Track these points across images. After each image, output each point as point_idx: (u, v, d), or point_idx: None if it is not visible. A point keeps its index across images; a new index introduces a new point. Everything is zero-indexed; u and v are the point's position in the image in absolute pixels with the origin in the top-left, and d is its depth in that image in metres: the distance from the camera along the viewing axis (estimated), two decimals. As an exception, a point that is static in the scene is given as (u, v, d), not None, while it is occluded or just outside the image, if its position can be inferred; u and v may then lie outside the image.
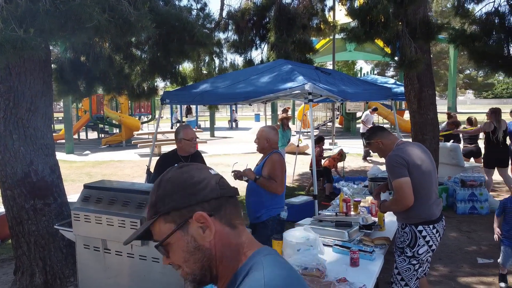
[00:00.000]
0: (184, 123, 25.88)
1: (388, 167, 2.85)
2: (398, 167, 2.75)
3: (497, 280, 4.10)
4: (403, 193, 2.72)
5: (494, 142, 7.06)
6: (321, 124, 22.02)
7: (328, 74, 5.59)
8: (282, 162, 3.59)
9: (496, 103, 57.15)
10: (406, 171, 2.74)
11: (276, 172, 3.52)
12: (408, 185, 2.72)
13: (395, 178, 2.76)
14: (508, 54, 6.28)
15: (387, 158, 2.87)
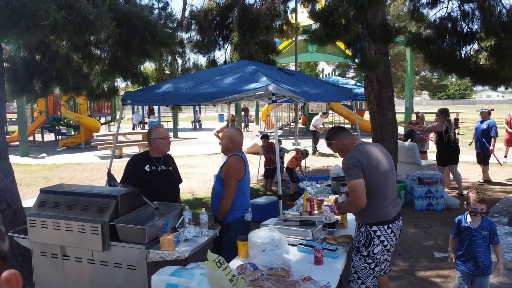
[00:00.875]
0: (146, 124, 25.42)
1: (343, 169, 2.91)
2: (353, 169, 2.81)
3: (452, 273, 4.29)
4: (356, 194, 2.79)
5: (446, 141, 7.40)
6: (284, 124, 22.23)
7: (291, 75, 5.65)
8: (238, 165, 3.52)
9: (450, 103, 59.97)
10: (360, 173, 2.79)
11: (229, 175, 3.49)
12: (362, 187, 2.78)
13: (349, 179, 2.83)
14: (460, 57, 6.60)
15: (343, 160, 2.92)
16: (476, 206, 3.12)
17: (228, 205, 3.49)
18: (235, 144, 3.64)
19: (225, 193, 3.50)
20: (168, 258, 2.81)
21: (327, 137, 3.18)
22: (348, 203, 2.99)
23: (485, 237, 3.14)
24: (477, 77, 6.71)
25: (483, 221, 3.17)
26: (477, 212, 3.12)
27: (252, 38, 6.78)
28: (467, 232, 3.19)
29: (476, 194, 3.15)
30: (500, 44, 6.08)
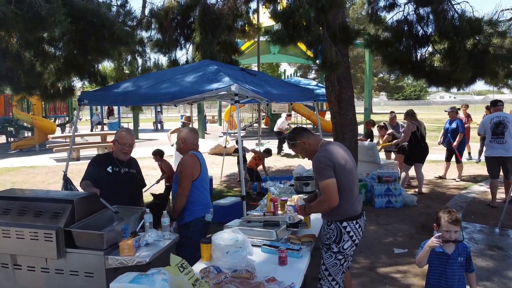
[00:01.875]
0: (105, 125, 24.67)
1: (315, 169, 2.91)
2: (325, 169, 2.83)
3: (411, 268, 4.44)
4: (329, 193, 2.81)
5: (417, 140, 7.65)
6: (247, 125, 22.27)
7: (253, 75, 5.63)
8: (192, 162, 3.52)
9: (406, 104, 62.38)
10: (332, 172, 2.83)
11: (181, 173, 3.49)
12: (334, 186, 2.81)
13: (322, 179, 2.83)
14: (416, 59, 6.85)
15: (314, 160, 2.93)
16: (449, 228, 2.66)
17: (181, 202, 3.48)
18: (187, 145, 3.65)
19: (178, 190, 3.50)
20: (128, 264, 2.72)
21: (291, 137, 3.14)
22: (319, 202, 2.96)
23: (462, 264, 2.69)
24: (431, 78, 6.98)
25: (458, 246, 2.71)
26: (450, 239, 2.66)
27: (214, 38, 6.73)
28: (442, 259, 2.70)
29: (448, 214, 2.69)
30: (452, 47, 6.36)
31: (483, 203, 6.98)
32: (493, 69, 6.72)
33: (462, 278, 2.71)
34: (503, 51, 6.57)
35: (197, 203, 3.54)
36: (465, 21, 6.10)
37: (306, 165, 6.78)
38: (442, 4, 6.43)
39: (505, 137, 6.67)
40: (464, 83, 7.05)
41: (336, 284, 2.97)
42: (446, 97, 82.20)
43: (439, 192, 7.94)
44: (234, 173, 10.40)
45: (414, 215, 6.45)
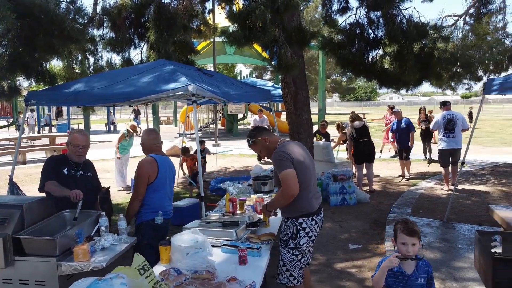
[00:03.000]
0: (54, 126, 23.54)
1: (275, 162, 2.97)
2: (284, 160, 2.91)
3: (366, 262, 4.60)
4: (290, 182, 2.86)
5: (357, 141, 7.93)
6: (204, 126, 22.09)
7: (210, 75, 5.61)
8: (148, 166, 3.46)
9: (358, 105, 64.58)
10: (291, 164, 2.91)
11: (137, 177, 3.46)
12: (294, 176, 2.88)
13: (282, 170, 2.89)
14: (368, 61, 7.12)
15: (274, 154, 3.00)
16: (405, 240, 2.37)
17: (134, 206, 3.45)
18: (146, 147, 3.66)
19: (133, 194, 3.48)
20: (83, 270, 2.62)
21: (252, 135, 3.21)
22: (280, 194, 2.97)
23: (422, 286, 2.40)
24: (382, 80, 7.29)
25: (418, 265, 2.42)
26: (408, 254, 2.38)
27: (169, 37, 6.62)
28: (400, 279, 2.40)
29: (404, 224, 2.42)
30: (401, 50, 6.68)
31: (430, 199, 7.37)
32: (438, 72, 7.13)
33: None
34: (447, 55, 6.99)
35: (147, 206, 3.49)
36: (413, 26, 6.43)
37: (263, 165, 6.86)
38: (391, 9, 6.74)
39: (455, 132, 7.78)
40: (412, 85, 7.42)
41: (294, 279, 3.04)
42: (395, 98, 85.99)
43: (389, 189, 8.28)
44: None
45: (367, 211, 6.70)
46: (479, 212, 6.34)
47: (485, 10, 10.28)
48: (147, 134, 3.71)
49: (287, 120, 7.41)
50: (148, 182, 3.45)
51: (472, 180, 8.84)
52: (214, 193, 7.96)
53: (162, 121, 28.05)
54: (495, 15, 10.14)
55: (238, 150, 14.45)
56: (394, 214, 6.40)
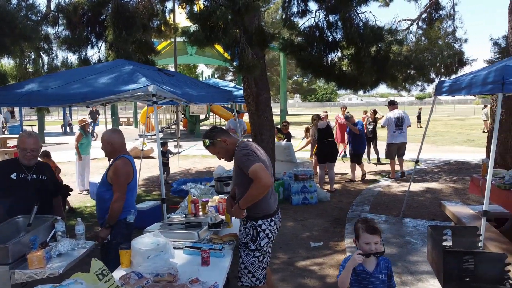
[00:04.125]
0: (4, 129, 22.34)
1: (241, 158, 2.89)
2: (251, 155, 2.86)
3: (326, 259, 4.71)
4: (262, 175, 2.79)
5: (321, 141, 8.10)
6: (165, 127, 21.75)
7: (171, 76, 5.54)
8: (127, 167, 3.44)
9: (318, 105, 65.80)
10: (257, 159, 2.88)
11: (118, 179, 3.37)
12: (263, 168, 2.83)
13: (251, 165, 2.81)
14: (327, 63, 7.29)
15: (239, 152, 2.93)
16: (367, 239, 2.42)
17: (119, 208, 3.37)
18: (116, 147, 3.53)
19: (116, 196, 3.37)
20: (38, 277, 2.52)
21: (210, 136, 3.08)
22: (253, 188, 2.84)
23: (383, 282, 2.49)
24: (341, 81, 7.48)
25: (379, 262, 2.50)
26: (371, 252, 2.42)
27: (128, 36, 6.48)
28: (363, 277, 2.47)
29: (366, 223, 2.49)
30: (358, 53, 6.88)
31: (387, 196, 7.64)
32: (393, 74, 7.41)
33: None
34: (401, 58, 7.29)
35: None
36: (369, 29, 6.65)
37: (226, 165, 6.85)
38: (349, 12, 6.94)
39: (403, 128, 9.09)
40: (369, 86, 7.67)
41: (257, 280, 3.05)
42: (354, 99, 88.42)
43: (349, 188, 8.52)
44: (152, 176, 10.13)
45: (328, 210, 6.86)
46: (432, 208, 6.66)
47: (437, 16, 10.82)
48: (116, 134, 3.60)
49: (249, 121, 7.44)
50: (128, 182, 3.44)
51: (426, 178, 9.25)
52: (176, 195, 7.87)
53: (121, 122, 27.36)
54: (446, 20, 10.69)
55: (201, 151, 14.34)
56: (354, 212, 6.60)
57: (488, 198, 3.76)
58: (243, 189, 2.93)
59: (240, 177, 2.96)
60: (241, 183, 2.97)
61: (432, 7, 10.84)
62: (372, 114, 11.46)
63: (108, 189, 3.43)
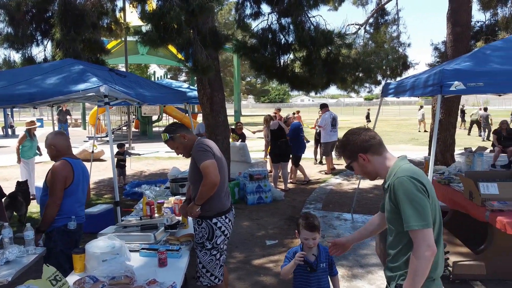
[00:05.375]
0: None
1: (197, 152, 2.97)
2: (206, 152, 2.94)
3: (282, 257, 4.83)
4: (211, 172, 2.89)
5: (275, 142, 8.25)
6: (116, 128, 21.12)
7: (123, 76, 5.44)
8: (64, 170, 3.33)
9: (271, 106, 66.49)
10: (212, 156, 2.96)
11: (53, 181, 3.29)
12: (215, 166, 2.92)
13: (204, 160, 2.90)
14: (280, 65, 7.45)
15: (196, 146, 3.00)
16: (307, 235, 2.61)
17: (52, 213, 3.26)
18: (60, 150, 3.46)
19: (49, 200, 3.27)
20: (-16, 286, 2.41)
21: (170, 130, 3.13)
22: (203, 186, 2.92)
23: (325, 270, 2.68)
24: (293, 83, 7.67)
25: (320, 252, 2.69)
26: (310, 247, 2.63)
27: (77, 35, 6.28)
28: (305, 267, 2.64)
29: (306, 220, 2.63)
30: (310, 55, 7.10)
31: (339, 194, 7.93)
32: (343, 76, 7.71)
33: (327, 282, 2.71)
34: (350, 60, 7.59)
35: (59, 212, 3.32)
36: (320, 33, 6.88)
37: (181, 167, 6.80)
38: (300, 16, 7.13)
39: (336, 128, 10.01)
40: (320, 88, 7.93)
41: (215, 279, 3.09)
42: (306, 100, 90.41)
43: (302, 186, 8.73)
44: (103, 179, 9.82)
45: (282, 208, 7.01)
46: (380, 204, 6.98)
47: (383, 21, 11.38)
48: (60, 136, 3.52)
49: (203, 122, 7.44)
50: (65, 187, 3.32)
51: (374, 175, 9.68)
52: (129, 198, 7.69)
53: (69, 123, 26.21)
54: (391, 25, 11.27)
55: (154, 153, 14.08)
56: (307, 209, 6.79)
57: (429, 192, 4.02)
58: (198, 186, 2.97)
59: (195, 173, 3.00)
60: (197, 180, 3.00)
61: (378, 13, 11.38)
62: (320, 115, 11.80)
63: (48, 194, 3.34)
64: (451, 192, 4.55)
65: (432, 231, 1.78)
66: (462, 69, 3.77)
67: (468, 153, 5.23)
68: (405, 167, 1.94)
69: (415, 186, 1.81)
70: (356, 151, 2.02)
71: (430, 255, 1.75)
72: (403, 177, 1.84)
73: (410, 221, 1.77)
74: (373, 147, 2.04)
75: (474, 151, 5.29)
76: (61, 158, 3.40)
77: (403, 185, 1.82)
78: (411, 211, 1.78)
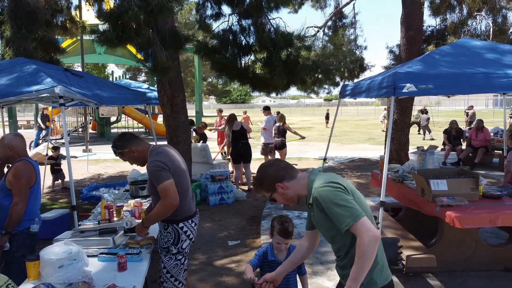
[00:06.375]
0: None
1: (151, 173, 2.85)
2: (162, 171, 2.81)
3: (243, 257, 4.86)
4: (171, 193, 2.79)
5: (236, 141, 8.28)
6: (72, 130, 20.39)
7: (80, 76, 5.27)
8: (28, 169, 3.24)
9: (233, 107, 66.61)
10: (170, 174, 2.83)
11: (18, 180, 3.17)
12: (174, 186, 2.82)
13: (160, 182, 2.79)
14: (241, 66, 7.49)
15: (149, 165, 2.87)
16: (280, 240, 2.68)
17: (20, 212, 3.15)
18: (17, 151, 3.33)
19: (16, 199, 3.14)
20: None
21: (118, 145, 2.99)
22: (160, 207, 2.84)
23: (293, 271, 2.69)
24: (254, 84, 7.74)
25: (289, 252, 2.76)
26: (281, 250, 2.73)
27: (29, 33, 6.03)
28: (275, 266, 2.58)
29: (281, 225, 2.66)
30: (270, 57, 7.18)
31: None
32: (302, 77, 7.86)
33: (295, 282, 2.79)
34: (309, 62, 7.76)
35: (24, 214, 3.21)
36: (280, 35, 6.98)
37: (141, 169, 6.68)
38: (260, 18, 7.20)
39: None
40: (281, 89, 8.05)
41: (180, 284, 3.05)
42: (268, 101, 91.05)
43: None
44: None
45: (244, 208, 7.05)
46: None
47: (341, 24, 11.70)
48: (17, 137, 3.39)
49: (164, 123, 7.35)
50: (30, 186, 3.23)
51: (333, 174, 9.93)
52: (86, 202, 7.46)
53: (20, 125, 25.02)
54: (348, 28, 11.61)
55: (111, 155, 13.71)
56: (269, 209, 6.86)
57: (384, 190, 4.20)
58: (157, 198, 2.89)
59: (153, 186, 2.90)
60: (156, 192, 2.90)
61: (337, 16, 11.69)
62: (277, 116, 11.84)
63: (7, 195, 3.20)
64: (405, 190, 4.76)
65: (367, 217, 1.85)
66: (413, 72, 3.97)
67: (420, 152, 5.49)
68: (319, 178, 2.03)
69: (332, 189, 1.91)
70: (273, 182, 2.09)
71: (373, 236, 1.79)
72: (320, 187, 1.94)
73: (344, 220, 1.83)
74: (287, 173, 2.11)
75: (426, 150, 5.56)
76: (17, 159, 3.28)
77: (323, 193, 1.91)
78: (340, 211, 1.85)
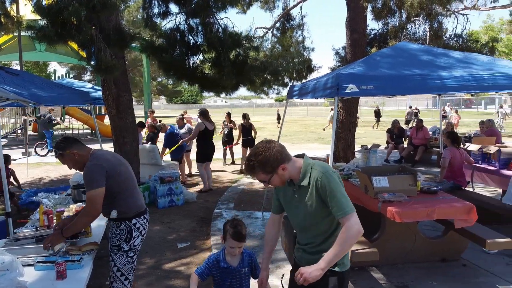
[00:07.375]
0: None
1: (86, 178, 2.81)
2: (96, 177, 2.77)
3: (193, 259, 4.81)
4: (95, 204, 2.77)
5: (206, 139, 8.17)
6: (9, 132, 19.16)
7: (15, 75, 4.97)
8: None
9: (184, 107, 65.67)
10: (104, 180, 2.79)
11: None
12: (101, 196, 2.78)
13: (90, 188, 2.76)
14: (189, 66, 7.40)
15: (86, 169, 2.83)
16: (233, 244, 2.59)
17: None
18: None
19: None
20: None
21: (60, 147, 2.95)
22: (83, 214, 2.83)
23: (248, 275, 2.69)
24: (203, 84, 7.68)
25: (243, 256, 2.68)
26: (234, 255, 2.64)
27: (-43, 28, 5.58)
28: (227, 273, 2.63)
29: (234, 229, 2.59)
30: (219, 57, 7.16)
31: (250, 193, 8.11)
32: (251, 78, 7.91)
33: (248, 286, 2.73)
34: (258, 63, 7.82)
35: None
36: (228, 35, 6.98)
37: (84, 172, 6.40)
38: (208, 17, 7.16)
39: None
40: (230, 89, 8.04)
41: (129, 283, 3.02)
42: (219, 101, 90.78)
43: (215, 186, 8.77)
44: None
45: (195, 210, 6.97)
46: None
47: (289, 25, 11.90)
48: None
49: (110, 124, 7.10)
50: None
51: (284, 174, 10.07)
52: (25, 207, 7.03)
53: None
54: (296, 30, 11.83)
55: (52, 158, 13.03)
56: (219, 210, 6.84)
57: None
58: None
59: None
60: None
61: (285, 17, 11.87)
62: (227, 117, 11.73)
63: None
64: (350, 187, 4.92)
65: None
66: (355, 73, 4.12)
67: (364, 150, 5.71)
68: (319, 163, 2.19)
69: (339, 178, 2.12)
70: (277, 164, 2.13)
71: (359, 229, 2.01)
72: (328, 172, 2.10)
73: (344, 208, 2.03)
74: (286, 155, 2.18)
75: (369, 148, 5.80)
76: None
77: (331, 178, 2.07)
78: (343, 199, 2.05)
